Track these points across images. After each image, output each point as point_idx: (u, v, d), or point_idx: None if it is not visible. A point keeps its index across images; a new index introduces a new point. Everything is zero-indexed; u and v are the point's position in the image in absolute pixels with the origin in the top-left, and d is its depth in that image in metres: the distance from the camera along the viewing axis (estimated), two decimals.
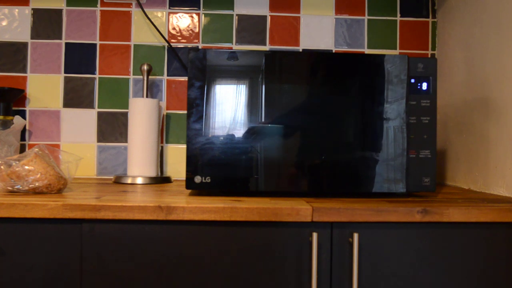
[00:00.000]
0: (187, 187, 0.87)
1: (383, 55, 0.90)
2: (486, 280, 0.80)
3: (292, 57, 0.89)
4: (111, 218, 0.73)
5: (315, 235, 0.75)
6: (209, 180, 0.87)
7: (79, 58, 1.28)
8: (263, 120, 0.88)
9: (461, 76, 1.17)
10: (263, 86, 0.88)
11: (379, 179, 0.89)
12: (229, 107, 0.88)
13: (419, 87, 0.91)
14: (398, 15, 1.34)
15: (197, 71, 0.88)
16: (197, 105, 0.87)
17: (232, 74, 0.88)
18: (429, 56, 1.34)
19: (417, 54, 1.34)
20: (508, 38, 0.97)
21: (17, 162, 0.81)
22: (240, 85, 0.88)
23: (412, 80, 0.91)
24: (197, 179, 0.87)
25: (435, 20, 1.34)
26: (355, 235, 0.75)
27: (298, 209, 0.75)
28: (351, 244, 0.76)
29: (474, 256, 0.80)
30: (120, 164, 1.27)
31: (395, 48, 1.34)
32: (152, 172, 1.15)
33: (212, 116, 0.87)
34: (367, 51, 1.33)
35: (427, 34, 1.34)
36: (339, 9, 1.33)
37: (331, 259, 0.77)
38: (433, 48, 1.34)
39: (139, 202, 0.74)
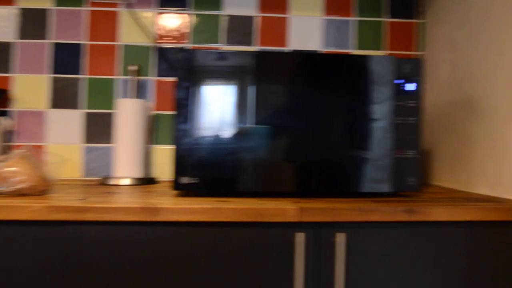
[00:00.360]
0: (174, 188, 0.86)
1: (371, 56, 0.90)
2: (470, 278, 0.81)
3: (281, 57, 0.89)
4: (96, 219, 0.73)
5: (301, 235, 0.75)
6: (196, 181, 0.87)
7: (66, 58, 1.27)
8: (251, 120, 0.88)
9: (447, 77, 1.18)
10: (252, 87, 0.88)
11: (366, 179, 0.89)
12: (217, 108, 0.88)
13: (406, 87, 0.92)
14: (386, 16, 1.35)
15: (184, 71, 0.88)
16: (185, 106, 0.87)
17: (221, 74, 0.88)
18: (417, 57, 1.35)
19: (404, 55, 1.35)
20: (492, 39, 0.98)
21: (1, 163, 0.81)
22: (229, 86, 0.88)
23: (399, 81, 0.92)
24: (184, 180, 0.87)
25: (423, 21, 1.35)
26: (341, 235, 0.76)
27: (285, 210, 0.75)
28: (337, 244, 0.77)
29: (459, 254, 0.80)
30: (107, 165, 1.26)
31: (383, 49, 1.35)
32: (139, 173, 1.15)
33: (199, 117, 0.87)
34: (355, 52, 1.34)
35: (415, 35, 1.36)
36: (327, 10, 1.34)
37: (318, 259, 0.78)
38: (421, 49, 1.35)
39: (125, 204, 0.74)
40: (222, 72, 0.88)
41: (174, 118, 0.87)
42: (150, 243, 0.75)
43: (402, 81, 0.92)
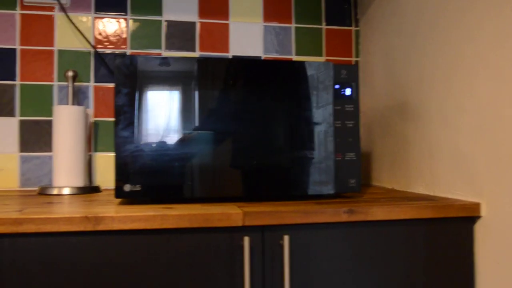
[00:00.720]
0: (117, 196, 0.85)
1: (309, 62, 0.93)
2: (409, 273, 0.85)
3: (223, 63, 0.90)
4: (34, 231, 0.70)
5: (246, 239, 0.76)
6: (139, 188, 0.86)
7: None
8: (194, 126, 0.88)
9: (382, 82, 1.23)
10: (194, 93, 0.88)
11: (309, 182, 0.91)
12: (159, 114, 0.87)
13: (343, 92, 0.95)
14: (323, 23, 1.39)
15: (124, 77, 0.86)
16: (125, 112, 0.86)
17: (162, 80, 0.87)
18: (353, 63, 1.41)
19: (342, 61, 1.40)
20: (422, 47, 1.04)
21: None
22: (170, 92, 0.87)
23: (337, 86, 0.95)
24: (127, 187, 0.85)
25: (358, 28, 1.41)
26: (286, 238, 0.77)
27: (229, 214, 0.75)
28: (282, 246, 0.78)
29: (398, 251, 0.84)
30: (45, 175, 1.21)
31: (321, 55, 1.39)
32: (80, 182, 1.11)
33: (141, 123, 0.86)
34: (295, 57, 1.37)
35: (351, 42, 1.41)
36: (267, 17, 1.36)
37: (263, 262, 0.79)
38: (357, 55, 1.41)
39: (65, 213, 0.72)
40: (163, 78, 0.88)
41: (115, 125, 0.85)
42: (93, 253, 0.73)
43: (340, 86, 0.95)
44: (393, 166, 1.17)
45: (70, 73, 1.15)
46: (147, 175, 0.86)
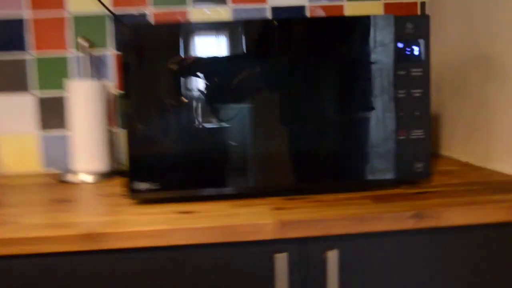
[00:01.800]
0: (131, 197, 0.71)
1: (365, 17, 0.73)
2: None
3: (260, 25, 0.71)
4: (28, 252, 0.58)
5: (281, 255, 0.61)
6: (157, 187, 0.72)
7: (5, 35, 1.07)
8: (220, 107, 0.71)
9: (456, 30, 0.99)
10: (223, 64, 0.71)
11: (364, 169, 0.74)
12: (178, 95, 0.71)
13: (408, 52, 0.75)
14: None
15: (128, 50, 0.71)
16: (135, 94, 0.71)
17: (180, 51, 0.71)
18: (418, 8, 1.15)
19: (404, 4, 1.15)
20: None
21: None
22: (195, 66, 0.71)
23: (400, 45, 0.74)
24: (142, 186, 0.72)
25: None
26: (332, 252, 0.61)
27: (261, 225, 0.60)
28: (328, 262, 0.62)
29: (479, 263, 0.66)
30: (69, 154, 1.10)
31: None
32: (102, 166, 0.98)
33: (153, 108, 0.71)
34: (346, 4, 1.14)
35: None
36: None
37: (305, 282, 0.63)
38: None
39: (62, 229, 0.59)
40: (182, 49, 0.71)
41: (123, 106, 0.70)
42: (93, 274, 0.61)
43: (404, 44, 0.75)
44: (468, 134, 0.96)
45: (82, 43, 1.00)
46: (165, 170, 0.71)
